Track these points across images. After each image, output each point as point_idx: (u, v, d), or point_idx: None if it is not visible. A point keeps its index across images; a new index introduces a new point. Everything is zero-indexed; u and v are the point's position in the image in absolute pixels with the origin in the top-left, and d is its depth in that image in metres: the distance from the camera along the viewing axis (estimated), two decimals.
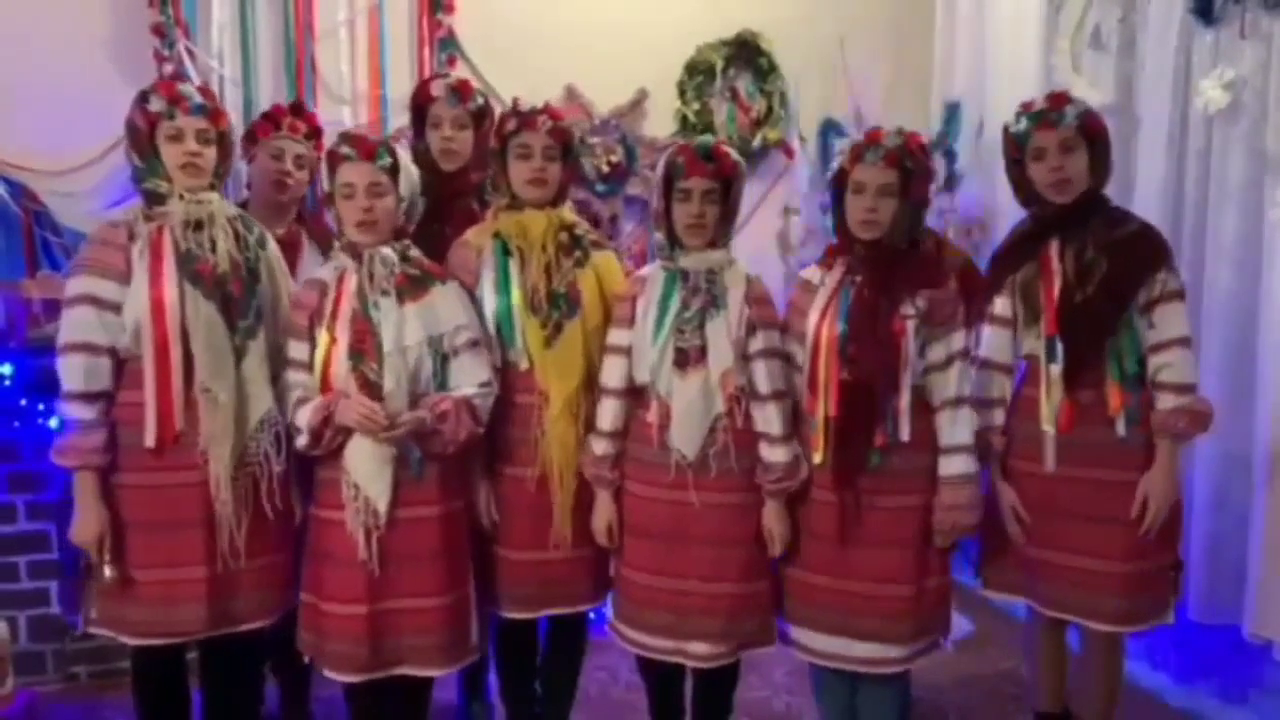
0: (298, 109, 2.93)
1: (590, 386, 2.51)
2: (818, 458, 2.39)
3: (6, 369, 3.10)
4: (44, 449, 3.05)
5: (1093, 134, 2.45)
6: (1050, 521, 2.50)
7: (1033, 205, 2.53)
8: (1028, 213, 2.56)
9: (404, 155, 2.42)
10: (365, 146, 2.34)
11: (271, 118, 2.87)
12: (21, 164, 3.48)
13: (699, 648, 2.44)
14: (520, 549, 2.53)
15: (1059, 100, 2.47)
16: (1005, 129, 2.53)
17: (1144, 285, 2.40)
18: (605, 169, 4.05)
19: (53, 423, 3.07)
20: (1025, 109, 2.50)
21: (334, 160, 2.35)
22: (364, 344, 2.32)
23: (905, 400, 2.35)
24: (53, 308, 3.00)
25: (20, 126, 3.47)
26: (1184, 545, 3.18)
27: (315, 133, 2.88)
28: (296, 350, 2.38)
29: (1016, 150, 2.50)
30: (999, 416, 2.55)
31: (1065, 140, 2.42)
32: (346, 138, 2.38)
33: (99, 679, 3.21)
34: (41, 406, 3.09)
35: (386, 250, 2.36)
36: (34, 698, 3.05)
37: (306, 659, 2.46)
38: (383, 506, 2.32)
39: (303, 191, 2.85)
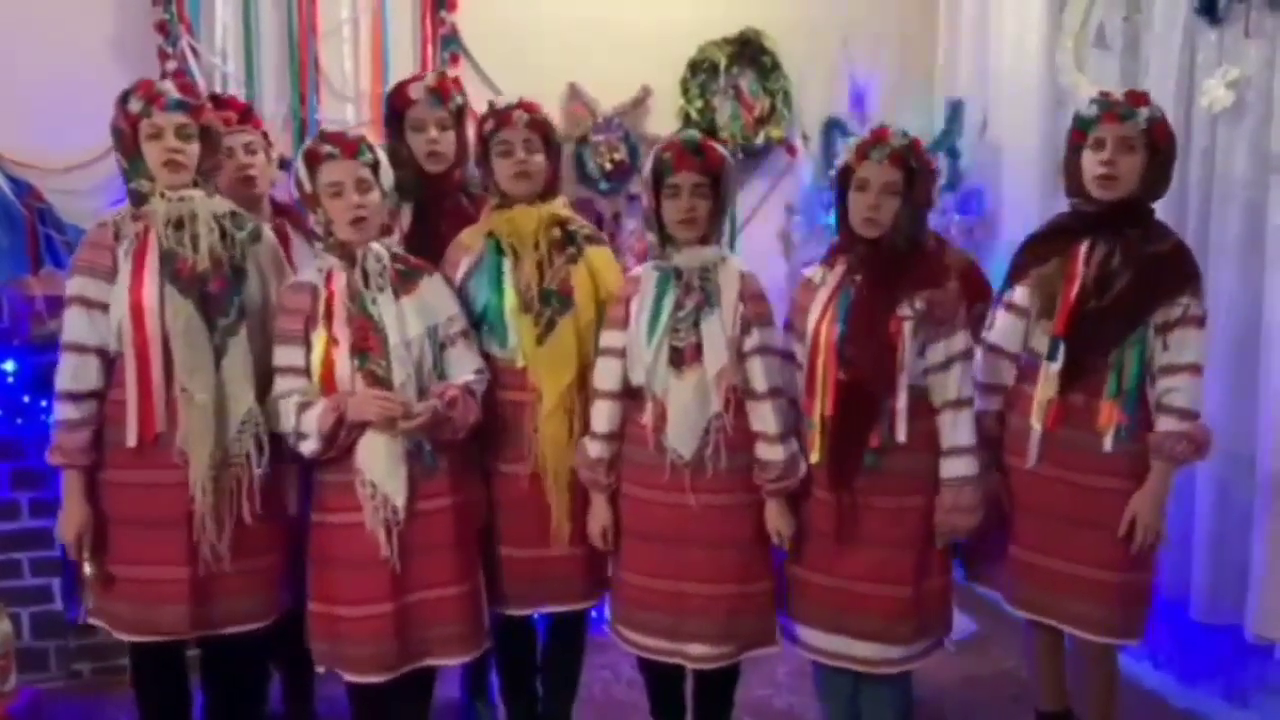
0: (217, 100, 2.83)
1: (584, 383, 2.50)
2: (814, 457, 2.38)
3: (10, 366, 3.10)
4: (47, 446, 3.09)
5: (1158, 142, 2.39)
6: (1032, 520, 2.49)
7: (1077, 198, 2.48)
8: (1069, 206, 2.51)
9: (382, 153, 2.40)
10: (347, 144, 2.32)
11: None
12: (25, 161, 3.48)
13: (697, 649, 2.43)
14: (515, 546, 2.54)
15: (1137, 98, 2.41)
16: (1076, 114, 2.48)
17: (1162, 307, 2.37)
18: (608, 167, 4.04)
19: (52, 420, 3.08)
20: (1103, 96, 2.44)
21: (315, 160, 2.32)
22: (368, 341, 2.32)
23: (902, 401, 2.34)
24: (56, 305, 2.99)
25: (24, 124, 3.47)
26: (1184, 548, 3.19)
27: (246, 114, 2.81)
28: (290, 356, 2.35)
29: (1080, 135, 2.43)
30: (997, 402, 2.54)
31: (1127, 138, 2.37)
32: (326, 136, 2.37)
33: (102, 676, 3.21)
34: (45, 403, 3.08)
35: (378, 247, 2.36)
36: (37, 695, 3.05)
37: (321, 670, 2.46)
38: (401, 502, 2.32)
39: (271, 176, 2.80)
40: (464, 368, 2.43)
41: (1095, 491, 2.42)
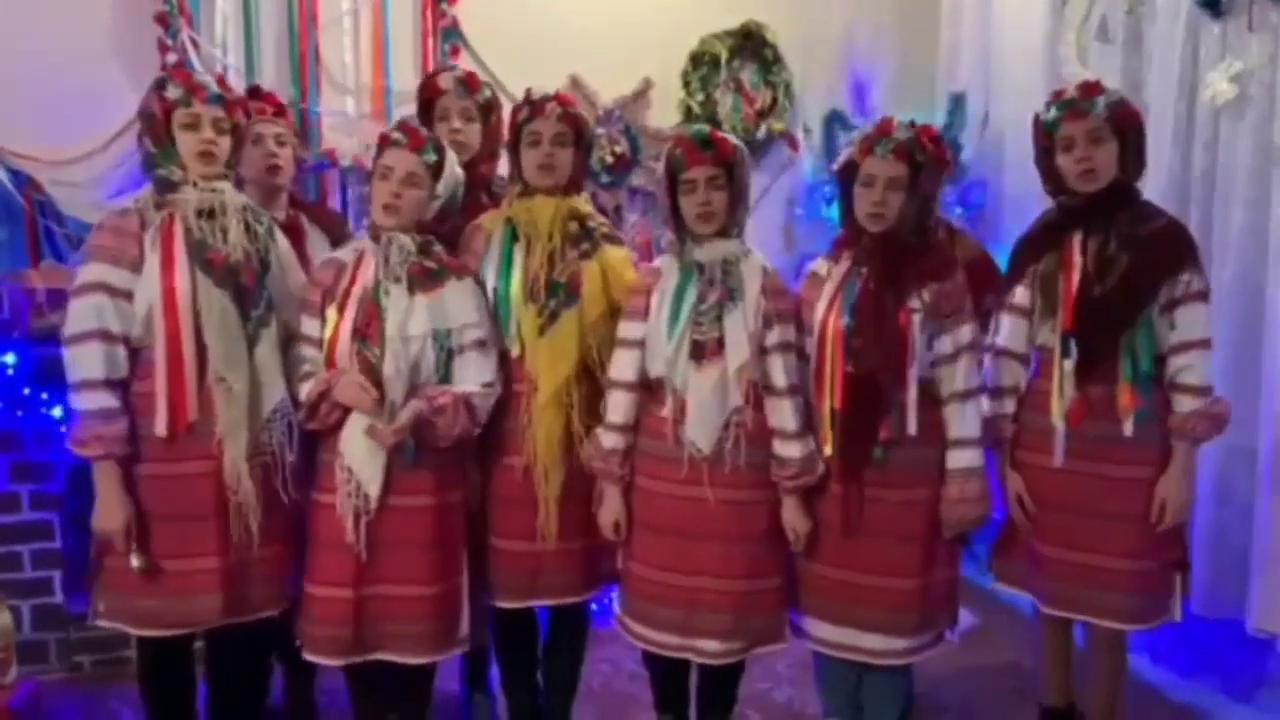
0: (255, 92, 2.87)
1: (583, 378, 2.50)
2: (827, 450, 2.38)
3: (10, 359, 3.09)
4: (47, 439, 3.09)
5: (1124, 125, 2.40)
6: (1057, 517, 2.49)
7: (1061, 195, 2.49)
8: (1055, 203, 2.52)
9: (452, 157, 2.44)
10: (416, 138, 2.38)
11: None
12: (25, 153, 3.49)
13: (709, 645, 2.42)
14: (509, 538, 2.53)
15: (1090, 90, 2.42)
16: (1036, 117, 2.49)
17: (1165, 284, 2.37)
18: (610, 160, 4.04)
19: (56, 412, 3.07)
20: (1056, 98, 2.45)
21: (383, 142, 2.39)
22: (369, 327, 2.33)
23: (911, 394, 2.34)
24: (56, 298, 3.00)
25: (24, 116, 3.47)
26: (1188, 540, 3.19)
27: (280, 111, 2.83)
28: (308, 326, 2.39)
29: (1046, 139, 2.45)
30: (1011, 405, 2.53)
31: (1094, 130, 2.38)
32: (402, 125, 2.42)
33: (102, 668, 3.22)
34: (45, 396, 3.09)
35: (404, 237, 2.37)
36: (37, 687, 3.05)
37: (298, 643, 2.46)
38: (374, 491, 2.33)
39: (293, 170, 2.82)
40: (471, 378, 2.41)
41: (1121, 482, 2.43)
